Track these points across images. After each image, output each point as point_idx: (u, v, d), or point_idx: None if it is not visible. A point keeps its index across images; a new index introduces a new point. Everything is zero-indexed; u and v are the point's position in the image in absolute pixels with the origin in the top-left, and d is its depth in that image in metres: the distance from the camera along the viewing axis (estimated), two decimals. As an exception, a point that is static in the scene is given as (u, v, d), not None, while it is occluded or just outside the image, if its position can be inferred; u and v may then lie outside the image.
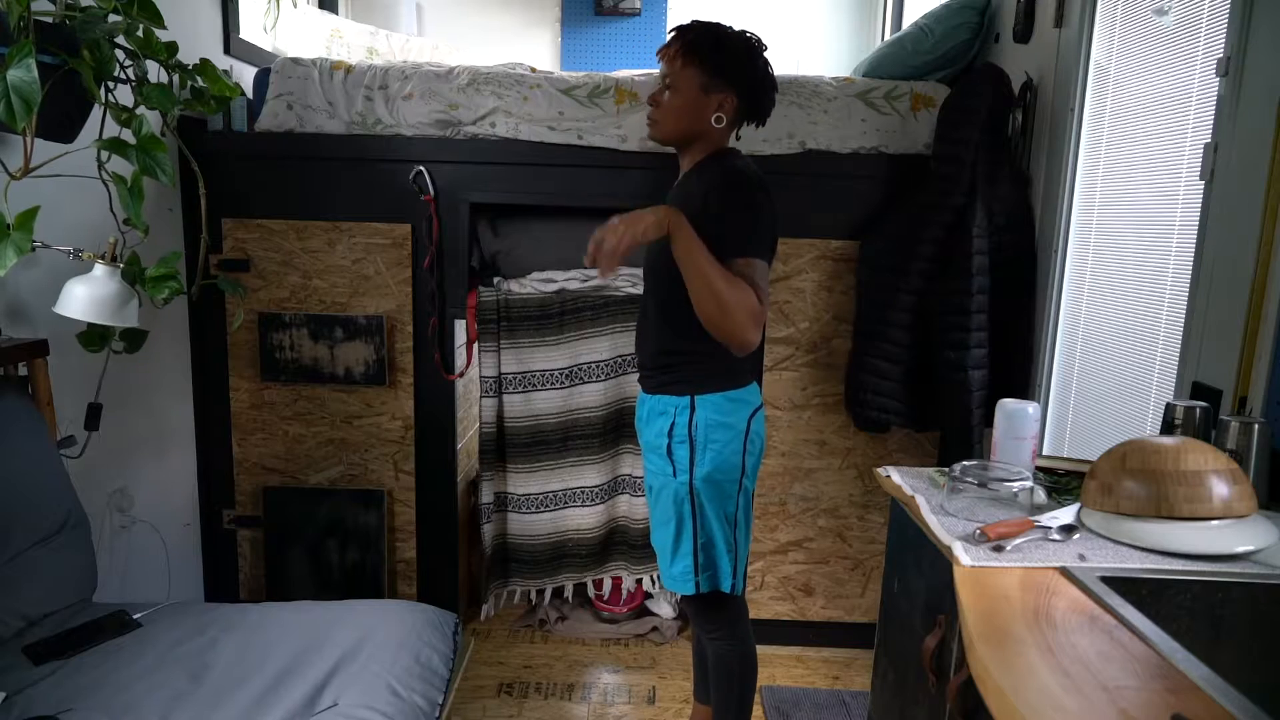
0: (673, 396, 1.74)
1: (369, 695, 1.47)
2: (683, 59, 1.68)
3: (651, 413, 1.79)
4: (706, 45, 1.68)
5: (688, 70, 1.68)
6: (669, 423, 1.73)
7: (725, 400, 1.73)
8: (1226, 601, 1.07)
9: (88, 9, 1.65)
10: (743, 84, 1.71)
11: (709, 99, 1.69)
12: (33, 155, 1.60)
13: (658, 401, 1.77)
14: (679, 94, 1.69)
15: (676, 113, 1.70)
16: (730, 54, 1.69)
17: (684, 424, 1.72)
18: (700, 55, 1.68)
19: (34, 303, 1.86)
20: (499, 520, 2.69)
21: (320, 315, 2.43)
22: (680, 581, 1.78)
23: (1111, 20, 1.93)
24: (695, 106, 1.69)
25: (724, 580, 1.78)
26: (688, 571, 1.77)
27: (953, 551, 1.16)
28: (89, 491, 1.99)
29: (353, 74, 2.36)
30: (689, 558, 1.76)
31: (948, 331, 2.19)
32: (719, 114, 1.70)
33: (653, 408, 1.78)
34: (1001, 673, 0.86)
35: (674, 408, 1.73)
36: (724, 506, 1.74)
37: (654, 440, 1.77)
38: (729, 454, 1.72)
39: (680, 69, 1.68)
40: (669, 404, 1.74)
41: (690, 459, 1.71)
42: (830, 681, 2.48)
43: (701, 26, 1.71)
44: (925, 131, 2.34)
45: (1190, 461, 1.17)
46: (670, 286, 1.66)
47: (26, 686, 1.45)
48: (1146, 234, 1.77)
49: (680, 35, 1.70)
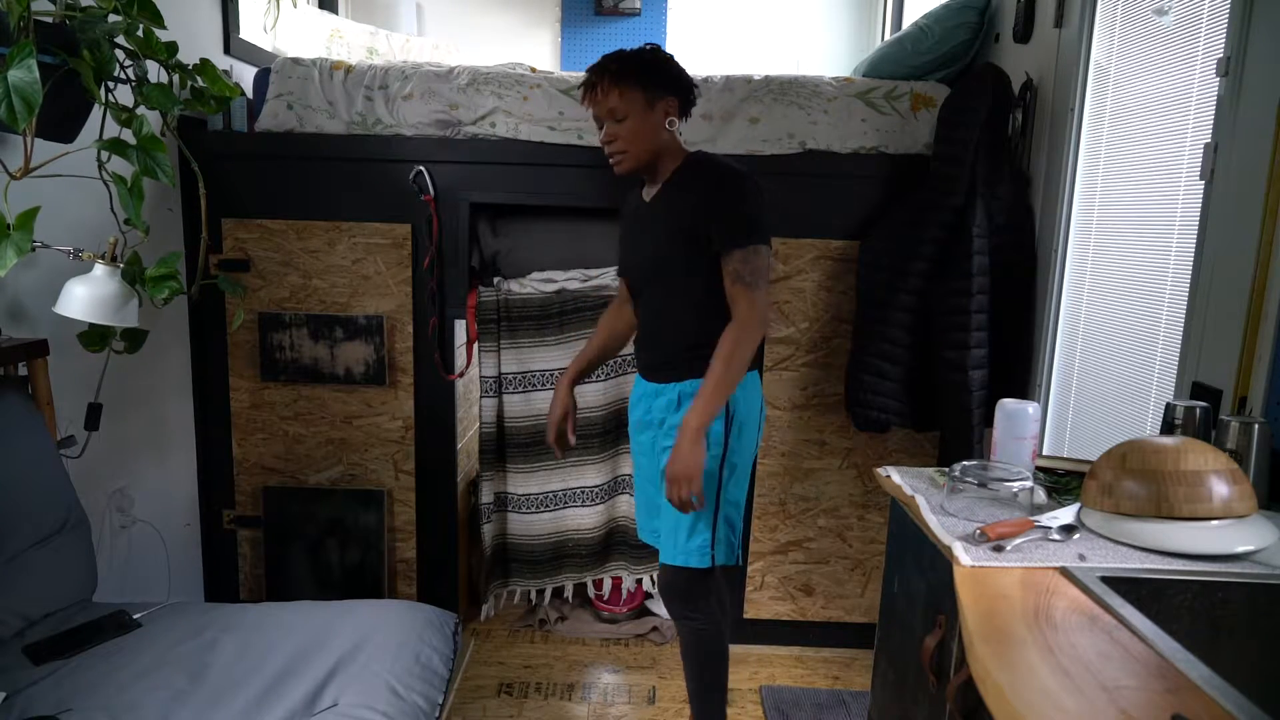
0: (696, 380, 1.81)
1: (369, 695, 1.47)
2: (617, 87, 1.74)
3: (684, 396, 1.82)
4: (630, 67, 1.76)
5: (627, 94, 1.75)
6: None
7: (752, 379, 1.86)
8: (1226, 601, 1.07)
9: (88, 9, 1.65)
10: (673, 85, 1.79)
11: (655, 110, 1.78)
12: (33, 155, 1.60)
13: (690, 385, 1.81)
14: (630, 118, 1.76)
15: (636, 135, 1.77)
16: (649, 64, 1.78)
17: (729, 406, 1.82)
18: (630, 76, 1.76)
19: (34, 303, 1.86)
20: (499, 520, 2.69)
21: (320, 315, 2.43)
22: (696, 555, 1.84)
23: (1111, 20, 1.93)
24: (648, 123, 1.77)
25: (734, 553, 1.89)
26: (705, 545, 1.84)
27: (953, 551, 1.16)
28: (89, 491, 1.99)
29: (353, 74, 2.36)
30: (708, 532, 1.84)
31: (948, 331, 2.19)
32: (669, 119, 1.79)
33: (684, 391, 1.82)
34: (1001, 673, 0.86)
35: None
36: (743, 480, 1.87)
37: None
38: (753, 429, 1.86)
39: (619, 97, 1.75)
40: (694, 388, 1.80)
41: (726, 435, 1.81)
42: (830, 681, 2.48)
43: (612, 57, 1.78)
44: (925, 131, 2.34)
45: (1190, 461, 1.17)
46: (687, 281, 1.80)
47: (26, 686, 1.45)
48: (1146, 234, 1.77)
49: (602, 72, 1.76)
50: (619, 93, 1.74)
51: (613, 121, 1.76)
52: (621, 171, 1.81)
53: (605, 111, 1.76)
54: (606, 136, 1.78)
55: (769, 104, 2.33)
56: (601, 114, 1.78)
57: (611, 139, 1.78)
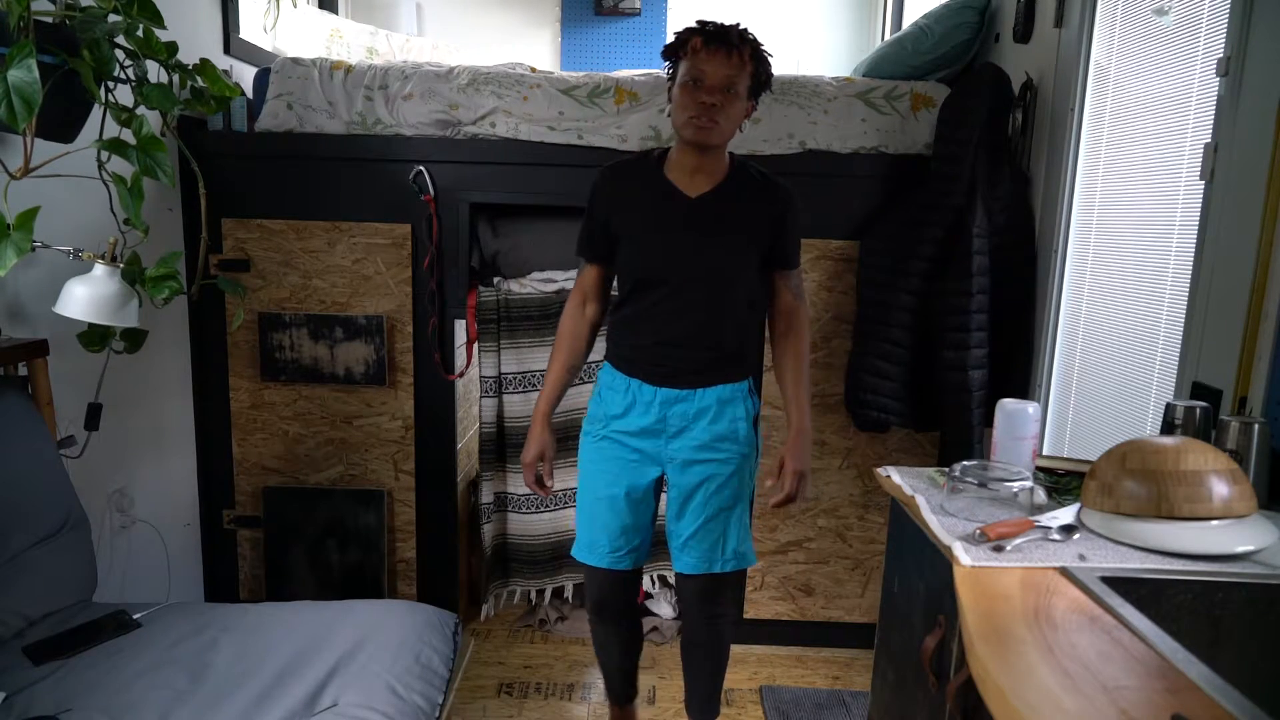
0: (740, 383, 1.84)
1: (369, 695, 1.47)
2: (749, 66, 1.67)
3: (720, 401, 1.81)
4: (764, 56, 1.71)
5: (749, 77, 1.68)
6: (745, 407, 1.84)
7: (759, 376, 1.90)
8: (1226, 601, 1.07)
9: (88, 9, 1.65)
10: (763, 91, 1.76)
11: (747, 106, 1.73)
12: (33, 155, 1.60)
13: (726, 390, 1.81)
14: (740, 100, 1.69)
15: (734, 118, 1.70)
16: (768, 66, 1.73)
17: (754, 404, 1.87)
18: (757, 62, 1.70)
19: (34, 303, 1.86)
20: (499, 520, 2.69)
21: (320, 315, 2.43)
22: (748, 556, 1.88)
23: (1111, 20, 1.93)
24: (741, 113, 1.72)
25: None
26: (749, 544, 1.90)
27: (953, 551, 1.15)
28: (89, 491, 1.99)
29: (353, 74, 2.36)
30: (749, 530, 1.89)
31: (948, 331, 2.18)
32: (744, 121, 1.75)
33: (721, 396, 1.81)
34: (1001, 673, 0.85)
35: (743, 392, 1.84)
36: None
37: (727, 428, 1.81)
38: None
39: (746, 76, 1.67)
40: (738, 391, 1.83)
41: (756, 435, 1.86)
42: (830, 681, 2.48)
43: (746, 33, 1.71)
44: (925, 131, 2.34)
45: (1190, 461, 1.17)
46: (745, 289, 1.79)
47: (26, 686, 1.44)
48: (1146, 234, 1.77)
49: (744, 42, 1.67)
50: (748, 72, 1.67)
51: (724, 92, 1.65)
52: (704, 140, 1.68)
53: (724, 79, 1.64)
54: (715, 100, 1.64)
55: (769, 104, 2.33)
56: (717, 79, 1.64)
57: (718, 106, 1.65)
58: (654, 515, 1.91)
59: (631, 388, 1.82)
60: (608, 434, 1.85)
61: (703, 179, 1.76)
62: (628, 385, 1.82)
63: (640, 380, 1.81)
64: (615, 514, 1.86)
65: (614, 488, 1.84)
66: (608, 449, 1.85)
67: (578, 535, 1.93)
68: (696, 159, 1.74)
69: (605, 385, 1.87)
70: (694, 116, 1.65)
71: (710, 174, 1.76)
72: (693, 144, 1.71)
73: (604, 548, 1.88)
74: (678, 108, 1.69)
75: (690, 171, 1.76)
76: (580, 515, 1.92)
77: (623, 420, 1.83)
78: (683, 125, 1.68)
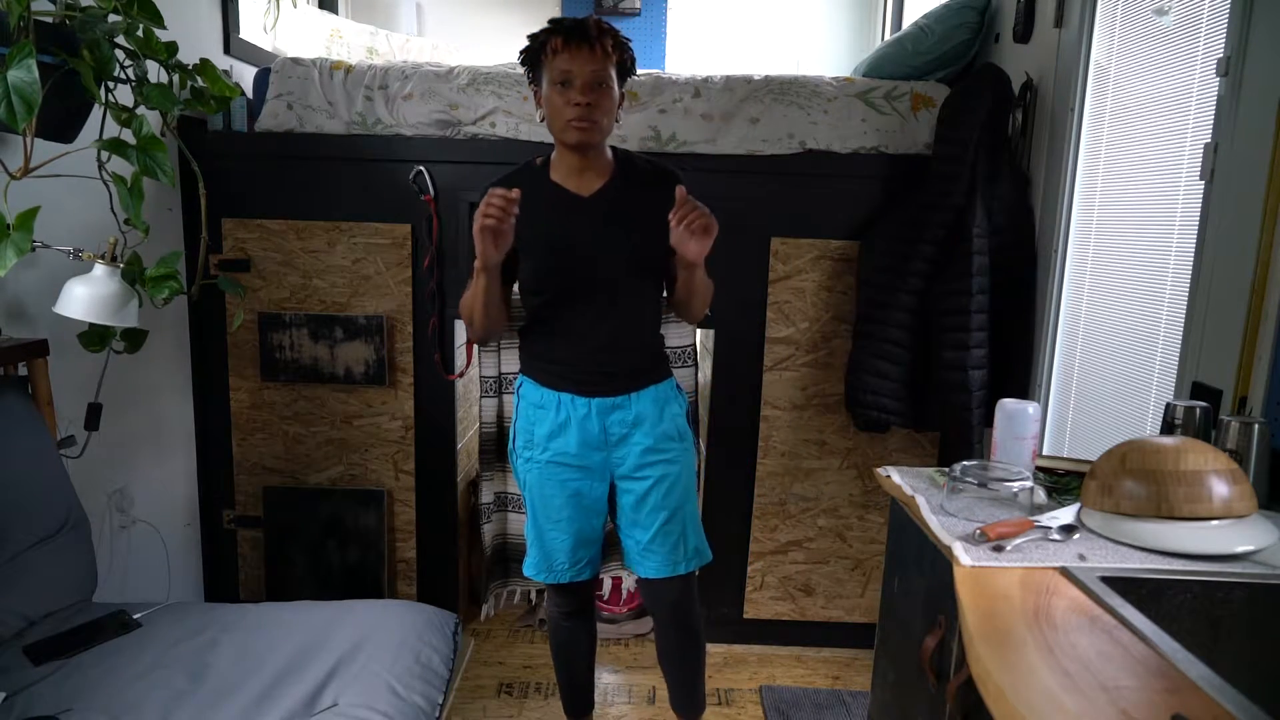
0: (667, 381, 1.84)
1: (369, 695, 1.47)
2: (614, 56, 1.64)
3: (656, 402, 1.80)
4: (624, 43, 1.68)
5: (615, 67, 1.65)
6: (679, 404, 1.85)
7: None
8: (1226, 601, 1.07)
9: (88, 9, 1.65)
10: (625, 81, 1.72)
11: (619, 96, 1.69)
12: (33, 155, 1.60)
13: (658, 390, 1.81)
14: (612, 91, 1.65)
15: (611, 112, 1.67)
16: (630, 51, 1.70)
17: (684, 398, 1.87)
18: (624, 51, 1.68)
19: (34, 303, 1.86)
20: (499, 520, 2.69)
21: (320, 315, 2.43)
22: (705, 552, 1.88)
23: (1111, 20, 1.93)
24: (615, 104, 1.69)
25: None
26: (704, 539, 1.89)
27: (953, 551, 1.15)
28: (89, 491, 1.99)
29: (353, 74, 2.36)
30: (701, 525, 1.88)
31: (948, 331, 2.19)
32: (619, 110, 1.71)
33: (656, 397, 1.80)
34: (1001, 673, 0.85)
35: (672, 390, 1.85)
36: None
37: (670, 427, 1.80)
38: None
39: (612, 67, 1.64)
40: (668, 389, 1.83)
41: (695, 428, 1.85)
42: (830, 681, 2.48)
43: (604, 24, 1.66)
44: (925, 131, 2.34)
45: (1190, 461, 1.17)
46: (643, 279, 1.77)
47: (26, 686, 1.45)
48: (1146, 234, 1.77)
49: (603, 34, 1.63)
50: (613, 62, 1.64)
51: (596, 88, 1.62)
52: (587, 141, 1.65)
53: (592, 75, 1.61)
54: (589, 97, 1.61)
55: (769, 104, 2.33)
56: (586, 76, 1.60)
57: (593, 102, 1.61)
58: (604, 521, 1.90)
59: (563, 403, 1.77)
60: (550, 459, 1.79)
61: (592, 176, 1.73)
62: (558, 401, 1.77)
63: (571, 394, 1.76)
64: (571, 534, 1.84)
65: (565, 510, 1.82)
66: (552, 474, 1.79)
67: (530, 554, 1.90)
68: (581, 159, 1.71)
69: (531, 403, 1.80)
70: (572, 120, 1.63)
71: (598, 171, 1.73)
72: (576, 147, 1.68)
73: (563, 565, 1.87)
74: (552, 112, 1.65)
75: (578, 172, 1.73)
76: (531, 536, 1.88)
77: (560, 440, 1.78)
78: (562, 130, 1.66)
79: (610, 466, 1.81)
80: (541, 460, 1.80)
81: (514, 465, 1.87)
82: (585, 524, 1.84)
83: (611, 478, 1.82)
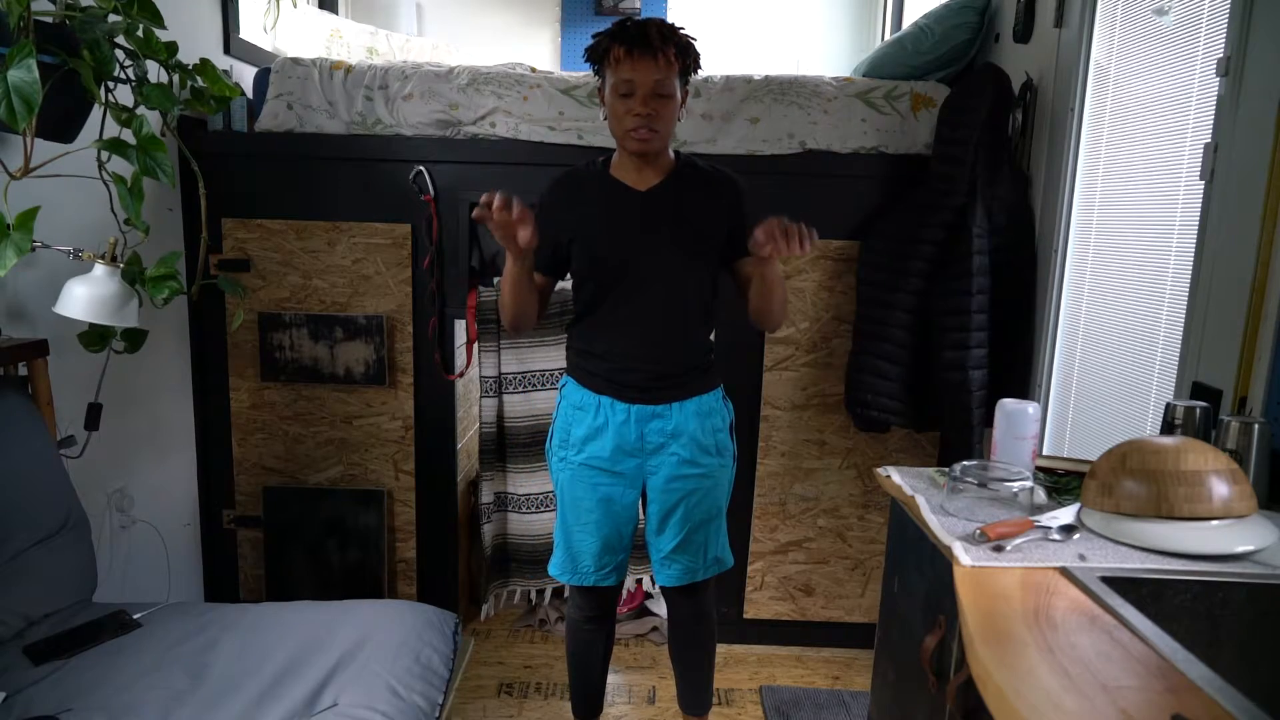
0: (713, 391, 1.82)
1: (369, 695, 1.47)
2: (677, 64, 1.64)
3: (699, 414, 1.78)
4: (686, 47, 1.67)
5: (677, 74, 1.65)
6: (722, 416, 1.83)
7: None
8: (1226, 601, 1.07)
9: (88, 9, 1.65)
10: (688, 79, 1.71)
11: (681, 97, 1.69)
12: (33, 155, 1.60)
13: (702, 401, 1.79)
14: (673, 97, 1.65)
15: (671, 118, 1.67)
16: (693, 50, 1.69)
17: (730, 409, 1.86)
18: (687, 57, 1.67)
19: (34, 303, 1.86)
20: (499, 520, 2.69)
21: (320, 315, 2.43)
22: (726, 560, 1.90)
23: (1111, 20, 1.93)
24: (677, 109, 1.69)
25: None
26: (726, 549, 1.90)
27: (953, 551, 1.15)
28: (89, 491, 1.99)
29: (353, 74, 2.36)
30: (725, 534, 1.90)
31: (948, 331, 2.19)
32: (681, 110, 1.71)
33: (698, 409, 1.78)
34: (1001, 673, 0.85)
35: (718, 401, 1.83)
36: None
37: (709, 441, 1.79)
38: None
39: (675, 75, 1.64)
40: (713, 400, 1.82)
41: (733, 442, 1.85)
42: (830, 681, 2.48)
43: (667, 28, 1.66)
44: (925, 131, 2.34)
45: (1190, 461, 1.17)
46: (701, 288, 1.76)
47: (26, 686, 1.45)
48: (1146, 234, 1.77)
49: (666, 41, 1.63)
50: (676, 70, 1.63)
51: (656, 96, 1.62)
52: (650, 149, 1.67)
53: (654, 84, 1.60)
54: (650, 108, 1.61)
55: (769, 104, 2.34)
56: (646, 86, 1.60)
57: (654, 113, 1.62)
58: (635, 528, 1.90)
59: (602, 406, 1.77)
60: (583, 462, 1.79)
61: (651, 173, 1.74)
62: (597, 404, 1.77)
63: (611, 398, 1.76)
64: (598, 538, 1.84)
65: (594, 514, 1.82)
66: (584, 476, 1.80)
67: (555, 554, 1.91)
68: (641, 159, 1.73)
69: (572, 404, 1.81)
70: (632, 130, 1.64)
71: (657, 169, 1.75)
72: (636, 154, 1.70)
73: (588, 568, 1.87)
74: (614, 118, 1.67)
75: (637, 169, 1.75)
76: (559, 536, 1.89)
77: (595, 443, 1.78)
78: (623, 138, 1.68)
79: (644, 474, 1.81)
80: (575, 462, 1.80)
81: (549, 463, 1.88)
82: (613, 530, 1.83)
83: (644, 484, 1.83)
